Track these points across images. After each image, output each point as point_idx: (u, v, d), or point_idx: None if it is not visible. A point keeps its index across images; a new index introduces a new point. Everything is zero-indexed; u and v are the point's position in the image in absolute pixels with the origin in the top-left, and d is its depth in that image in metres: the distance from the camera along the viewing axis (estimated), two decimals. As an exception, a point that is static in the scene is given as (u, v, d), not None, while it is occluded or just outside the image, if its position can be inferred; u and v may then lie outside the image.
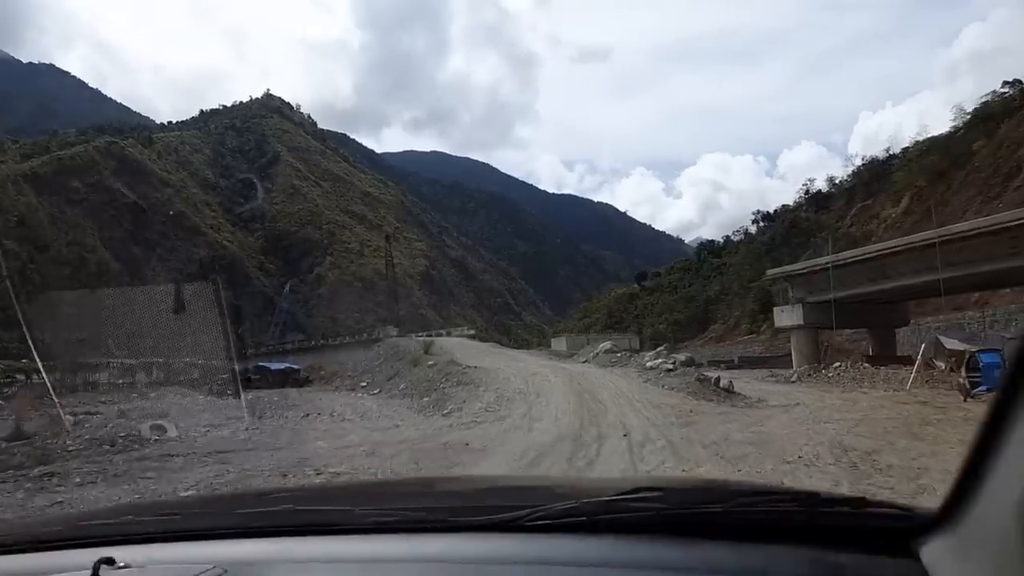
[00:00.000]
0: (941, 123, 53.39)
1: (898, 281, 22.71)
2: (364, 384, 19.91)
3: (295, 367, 22.64)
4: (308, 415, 14.53)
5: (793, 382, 18.99)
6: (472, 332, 40.35)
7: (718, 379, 14.57)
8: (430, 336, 30.49)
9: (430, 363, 18.52)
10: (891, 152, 54.83)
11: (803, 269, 27.33)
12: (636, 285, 77.35)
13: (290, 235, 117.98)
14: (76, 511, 5.09)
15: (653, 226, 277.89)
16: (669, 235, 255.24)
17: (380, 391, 18.44)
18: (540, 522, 0.95)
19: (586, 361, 20.70)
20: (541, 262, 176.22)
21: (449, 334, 37.53)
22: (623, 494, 0.97)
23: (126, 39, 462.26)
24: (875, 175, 52.58)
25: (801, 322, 25.57)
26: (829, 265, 24.97)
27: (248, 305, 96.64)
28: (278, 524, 1.06)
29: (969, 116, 40.93)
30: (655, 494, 0.97)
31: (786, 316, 26.61)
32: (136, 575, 0.82)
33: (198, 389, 23.10)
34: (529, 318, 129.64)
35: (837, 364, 19.83)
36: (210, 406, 16.77)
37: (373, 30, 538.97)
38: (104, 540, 1.05)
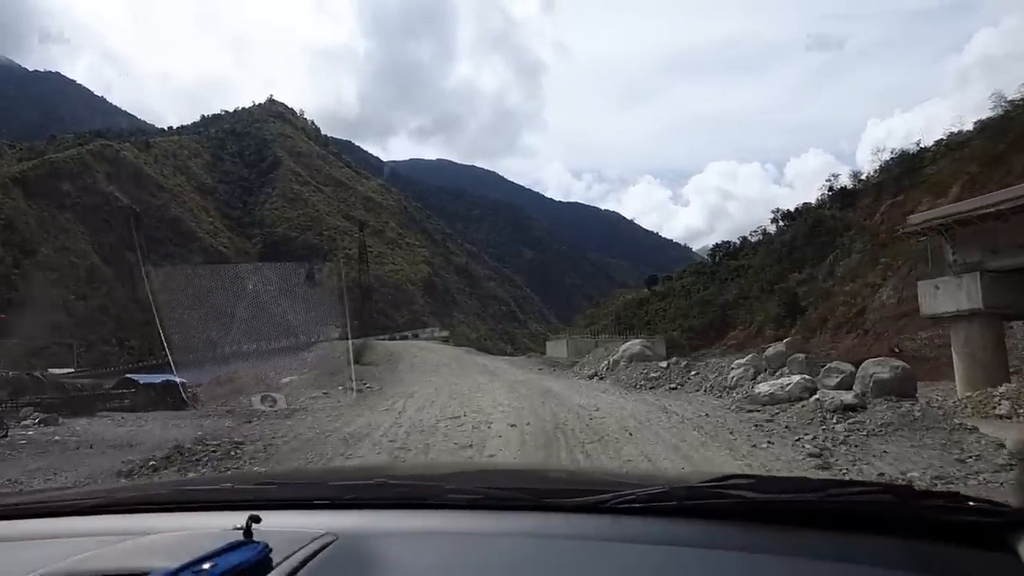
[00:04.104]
0: (952, 128, 49.68)
1: None
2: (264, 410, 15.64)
3: (175, 380, 17.50)
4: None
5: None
6: (445, 335, 36.21)
7: None
8: (390, 338, 26.49)
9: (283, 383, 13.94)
10: (922, 145, 51.14)
11: (985, 208, 15.06)
12: (646, 289, 73.46)
13: (289, 240, 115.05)
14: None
15: (660, 234, 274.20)
16: (676, 243, 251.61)
17: None
18: (628, 505, 0.95)
19: (596, 375, 13.41)
20: (547, 270, 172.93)
21: (416, 336, 33.84)
22: (713, 481, 0.98)
23: (132, 47, 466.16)
24: (906, 169, 48.81)
25: (978, 306, 14.47)
26: None
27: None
28: (375, 497, 1.12)
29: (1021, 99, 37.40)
30: (746, 482, 0.96)
31: (944, 296, 15.35)
32: (263, 537, 0.83)
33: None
34: (534, 326, 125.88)
35: None
36: None
37: (378, 38, 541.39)
38: (219, 505, 1.13)
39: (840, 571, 0.80)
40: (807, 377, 8.49)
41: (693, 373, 11.27)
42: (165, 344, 12.19)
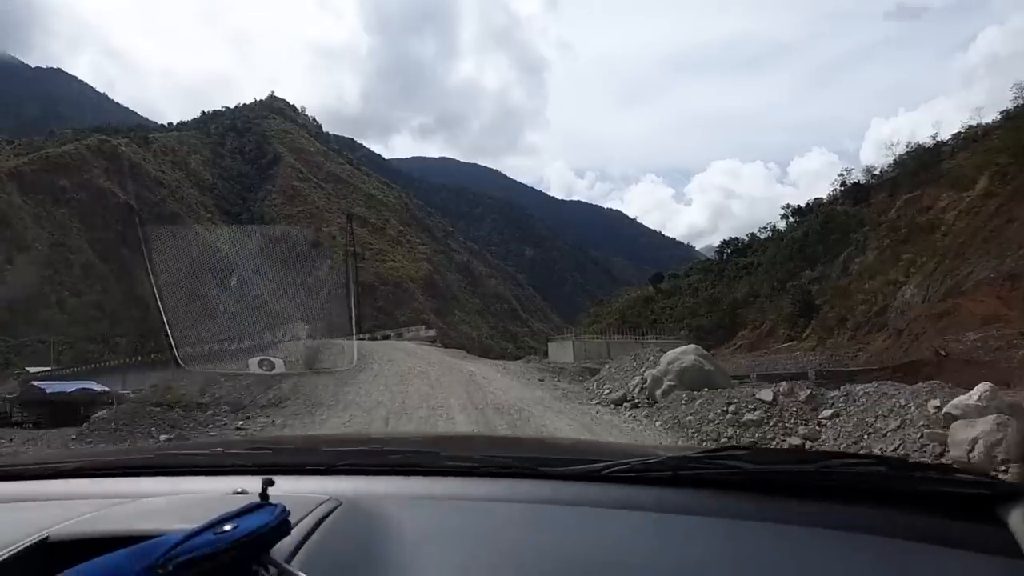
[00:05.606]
0: (970, 120, 48.00)
1: None
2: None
3: (95, 388, 14.35)
4: None
5: None
6: (432, 334, 33.56)
7: None
8: (371, 338, 24.62)
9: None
10: (939, 139, 49.38)
11: None
12: (652, 288, 71.80)
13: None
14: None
15: (663, 233, 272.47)
16: (679, 242, 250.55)
17: None
18: (624, 474, 0.96)
19: (627, 401, 9.25)
20: (549, 268, 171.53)
21: (400, 335, 31.99)
22: (710, 452, 1.00)
23: (135, 44, 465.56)
24: (922, 164, 47.11)
25: None
26: None
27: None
28: (373, 463, 1.14)
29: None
30: (742, 453, 0.98)
31: None
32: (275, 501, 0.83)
33: None
34: (537, 325, 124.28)
35: None
36: None
37: (381, 35, 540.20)
38: (214, 470, 1.13)
39: (832, 539, 0.81)
40: None
41: (828, 414, 6.30)
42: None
